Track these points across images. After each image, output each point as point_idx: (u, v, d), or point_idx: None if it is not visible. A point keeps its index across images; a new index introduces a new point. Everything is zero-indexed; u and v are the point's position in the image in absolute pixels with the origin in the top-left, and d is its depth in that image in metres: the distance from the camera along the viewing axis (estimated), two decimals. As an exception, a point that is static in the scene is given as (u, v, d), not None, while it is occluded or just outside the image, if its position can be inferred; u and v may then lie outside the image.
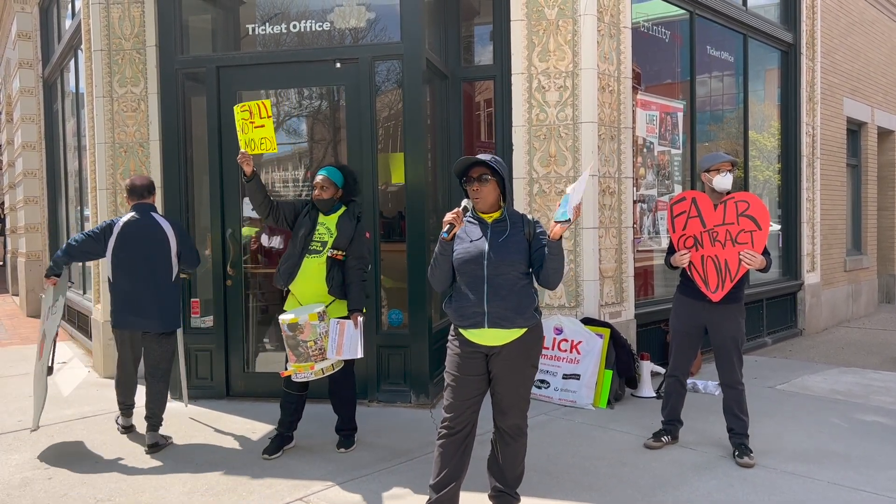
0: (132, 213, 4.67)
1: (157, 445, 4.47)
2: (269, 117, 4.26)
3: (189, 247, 4.77)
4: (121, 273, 4.59)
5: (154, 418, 4.55)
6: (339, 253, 4.28)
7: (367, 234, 4.45)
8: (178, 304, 4.76)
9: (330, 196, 4.34)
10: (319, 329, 4.04)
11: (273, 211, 4.38)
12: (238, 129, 4.32)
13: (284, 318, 4.05)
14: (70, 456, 4.37)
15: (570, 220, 3.04)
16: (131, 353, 4.70)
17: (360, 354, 4.20)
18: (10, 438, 4.74)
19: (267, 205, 4.36)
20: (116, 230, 4.59)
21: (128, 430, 4.82)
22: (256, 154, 4.30)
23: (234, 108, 4.36)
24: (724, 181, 4.26)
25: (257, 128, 4.27)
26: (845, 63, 10.37)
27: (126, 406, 4.80)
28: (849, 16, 10.48)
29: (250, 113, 4.27)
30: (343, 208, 4.41)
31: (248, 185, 4.30)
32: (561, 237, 3.07)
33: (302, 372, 4.09)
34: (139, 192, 4.72)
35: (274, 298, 6.14)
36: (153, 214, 4.71)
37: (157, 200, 5.90)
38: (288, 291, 4.40)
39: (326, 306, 4.19)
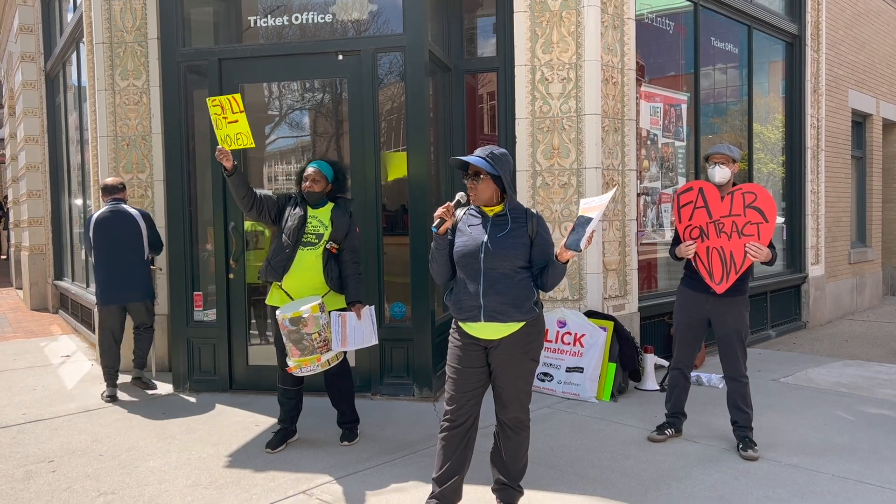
0: (106, 206, 5.63)
1: (140, 379, 5.68)
2: (241, 112, 4.15)
3: (155, 234, 5.74)
4: (99, 255, 5.53)
5: (140, 359, 5.73)
6: (336, 246, 4.28)
7: (357, 229, 4.44)
8: (150, 279, 5.77)
9: (321, 189, 4.31)
10: (322, 320, 4.03)
11: (256, 205, 4.31)
12: (213, 122, 4.24)
13: (285, 314, 4.00)
14: (74, 449, 4.38)
15: (581, 250, 3.03)
16: (116, 327, 5.61)
17: (374, 341, 4.29)
18: (14, 431, 4.74)
19: (250, 199, 4.28)
20: (92, 221, 5.57)
21: (112, 399, 5.44)
22: (234, 150, 4.23)
23: (207, 100, 4.27)
24: (713, 173, 4.26)
25: (231, 123, 4.17)
26: (850, 54, 10.31)
27: (112, 371, 5.55)
28: (854, 6, 10.41)
29: (221, 108, 4.16)
30: (331, 203, 4.37)
31: (231, 181, 4.22)
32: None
33: (308, 365, 4.06)
34: (110, 190, 5.68)
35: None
36: (124, 206, 5.64)
37: (160, 193, 6.04)
38: (270, 285, 4.35)
39: (322, 297, 4.18)
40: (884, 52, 11.54)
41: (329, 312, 4.12)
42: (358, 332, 4.21)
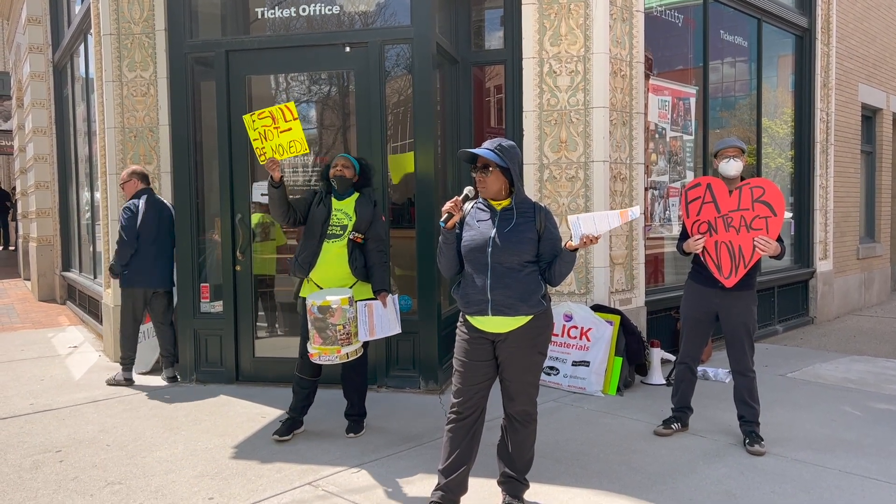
0: (146, 195, 5.68)
1: (175, 378, 5.72)
2: (295, 119, 4.13)
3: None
4: (143, 244, 5.62)
5: (170, 357, 5.76)
6: (360, 236, 4.31)
7: (383, 218, 4.46)
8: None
9: (350, 176, 4.37)
10: (349, 314, 4.06)
11: (291, 215, 4.34)
12: (255, 137, 4.20)
13: (315, 301, 4.03)
14: (81, 439, 4.40)
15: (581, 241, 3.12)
16: (139, 310, 5.71)
17: (397, 330, 4.33)
18: (22, 421, 4.77)
19: (289, 212, 4.31)
20: (142, 208, 5.61)
21: (129, 381, 5.66)
22: (285, 159, 4.23)
23: (245, 117, 4.23)
24: (727, 167, 4.23)
25: (284, 132, 4.14)
26: (861, 48, 10.23)
27: (130, 360, 5.70)
28: (865, 0, 10.33)
29: (273, 118, 4.13)
30: (356, 194, 4.41)
31: (276, 192, 4.20)
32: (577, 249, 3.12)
33: (327, 355, 4.09)
34: (148, 179, 5.82)
35: (284, 283, 6.16)
36: (158, 197, 5.80)
37: (167, 185, 6.06)
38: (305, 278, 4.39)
39: (350, 287, 4.22)
40: (895, 46, 11.44)
41: (356, 304, 4.15)
42: (384, 320, 4.26)
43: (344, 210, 4.34)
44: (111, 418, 4.82)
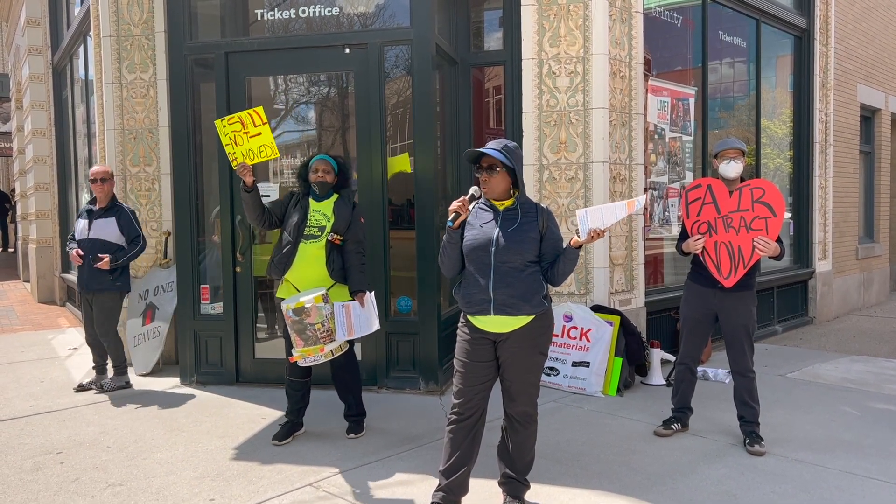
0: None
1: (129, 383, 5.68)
2: (264, 124, 4.15)
3: None
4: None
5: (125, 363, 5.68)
6: (338, 237, 4.28)
7: (362, 220, 4.44)
8: None
9: (332, 180, 4.36)
10: (325, 311, 4.05)
11: (267, 218, 4.35)
12: (226, 142, 4.21)
13: (289, 304, 4.03)
14: (81, 441, 4.40)
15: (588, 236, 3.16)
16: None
17: (376, 326, 4.24)
18: (23, 423, 4.77)
19: (263, 216, 4.32)
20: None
21: (128, 385, 5.63)
22: (257, 163, 4.23)
23: (217, 122, 4.24)
24: (727, 168, 4.23)
25: (253, 137, 4.16)
26: (859, 49, 10.24)
27: (125, 365, 5.66)
28: (864, 0, 10.34)
29: (242, 124, 4.15)
30: (335, 195, 4.40)
31: (249, 196, 4.22)
32: (580, 245, 3.15)
33: (311, 355, 4.08)
34: None
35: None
36: None
37: (167, 186, 6.06)
38: (280, 279, 4.37)
39: (328, 289, 4.19)
40: (893, 47, 11.46)
41: (333, 304, 4.13)
42: (363, 319, 4.21)
43: (322, 211, 4.32)
44: (111, 420, 4.82)
